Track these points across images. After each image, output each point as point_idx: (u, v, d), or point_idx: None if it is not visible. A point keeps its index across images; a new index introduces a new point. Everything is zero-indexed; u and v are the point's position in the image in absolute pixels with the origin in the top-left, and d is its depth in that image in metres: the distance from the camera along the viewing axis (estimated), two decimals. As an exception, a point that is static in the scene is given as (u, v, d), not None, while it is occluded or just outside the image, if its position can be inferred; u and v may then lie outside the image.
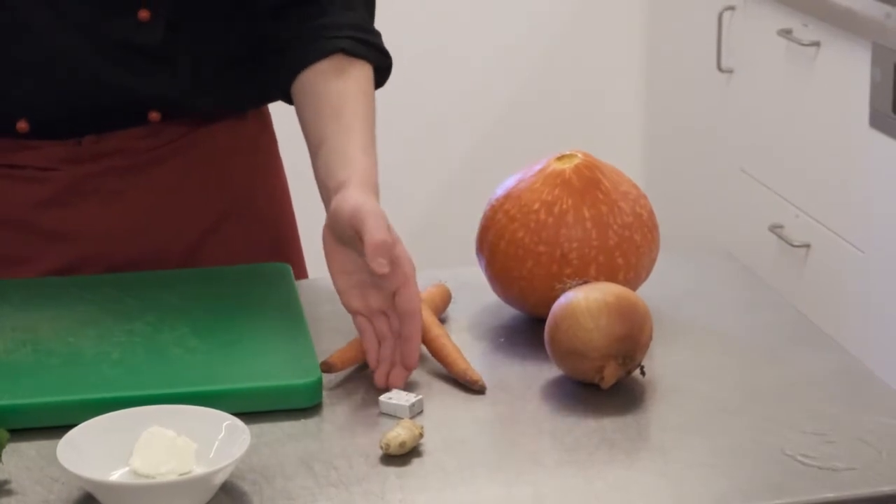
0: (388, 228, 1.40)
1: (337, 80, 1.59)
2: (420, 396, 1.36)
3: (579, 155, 1.56)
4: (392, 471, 1.25)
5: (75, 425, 1.25)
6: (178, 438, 1.23)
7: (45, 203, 1.66)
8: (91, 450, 1.23)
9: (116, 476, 1.22)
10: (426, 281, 1.55)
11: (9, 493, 1.23)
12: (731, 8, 3.28)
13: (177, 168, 1.70)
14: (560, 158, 1.56)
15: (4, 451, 1.24)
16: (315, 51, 1.60)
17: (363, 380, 1.42)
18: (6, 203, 1.67)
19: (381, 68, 1.65)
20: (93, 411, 1.28)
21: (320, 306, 1.57)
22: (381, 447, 1.27)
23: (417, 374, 1.43)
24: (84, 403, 1.31)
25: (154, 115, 1.66)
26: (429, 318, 1.47)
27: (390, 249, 1.38)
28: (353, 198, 1.42)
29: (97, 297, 1.55)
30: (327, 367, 1.41)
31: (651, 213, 1.57)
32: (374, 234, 1.38)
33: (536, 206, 1.53)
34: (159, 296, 1.55)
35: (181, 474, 1.21)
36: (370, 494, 1.22)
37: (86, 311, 1.52)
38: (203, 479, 1.19)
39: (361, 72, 1.61)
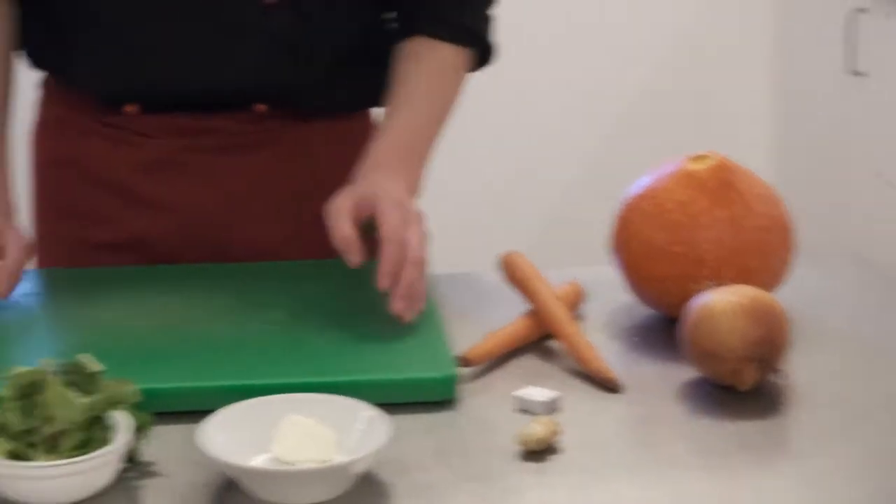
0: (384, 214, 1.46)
1: (408, 63, 1.64)
2: (558, 394, 1.36)
3: (713, 156, 1.55)
4: (529, 467, 1.25)
5: (214, 410, 1.27)
6: (319, 427, 1.24)
7: (139, 168, 1.68)
8: (231, 435, 1.24)
9: (257, 462, 1.23)
10: (559, 279, 1.55)
11: (154, 474, 1.25)
12: (863, 10, 3.24)
13: (271, 157, 1.70)
14: (694, 159, 1.56)
15: (149, 434, 1.26)
16: (401, 32, 1.66)
17: (500, 375, 1.43)
18: (102, 161, 1.69)
19: (480, 52, 1.70)
20: (232, 397, 1.29)
21: (455, 299, 1.58)
22: (519, 443, 1.27)
23: (553, 371, 1.43)
24: (224, 389, 1.33)
25: (260, 108, 1.67)
26: (563, 315, 1.47)
27: (352, 244, 1.46)
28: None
29: (232, 285, 1.57)
30: (464, 362, 1.41)
31: (786, 215, 1.56)
32: (335, 229, 1.47)
33: (671, 206, 1.52)
34: (293, 286, 1.57)
35: (320, 462, 1.22)
36: (508, 490, 1.22)
37: (222, 299, 1.54)
38: (343, 468, 1.20)
39: (441, 55, 1.65)
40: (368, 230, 1.48)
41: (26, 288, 1.54)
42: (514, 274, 1.52)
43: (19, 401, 1.22)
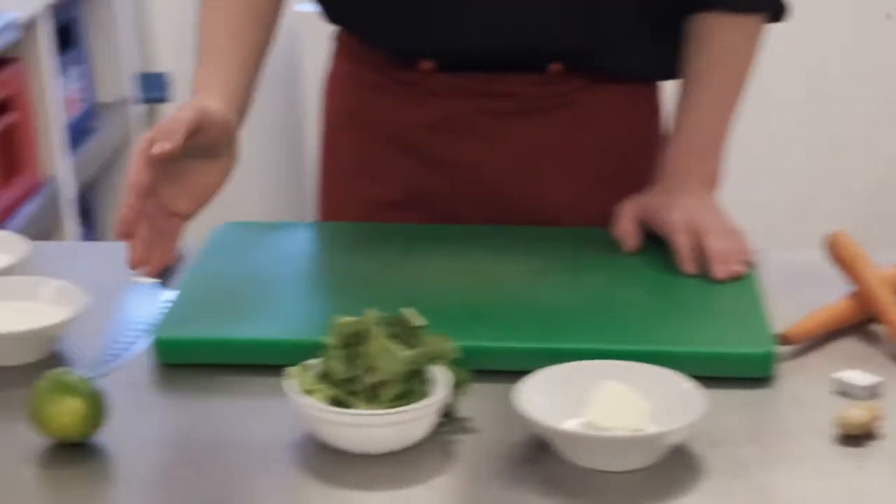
0: None
1: (699, 44, 1.63)
2: (881, 379, 1.32)
3: None
4: (846, 451, 1.23)
5: (529, 371, 1.28)
6: (634, 395, 1.24)
7: (423, 126, 1.70)
8: (547, 397, 1.25)
9: (570, 425, 1.24)
10: (886, 261, 1.50)
11: (468, 430, 1.27)
12: None
13: (560, 122, 1.69)
14: None
15: (466, 390, 1.29)
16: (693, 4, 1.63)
17: (819, 355, 1.40)
18: (390, 117, 1.71)
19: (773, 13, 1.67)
20: (548, 359, 1.30)
21: (777, 277, 1.55)
22: (837, 426, 1.24)
23: (875, 355, 1.39)
24: (541, 351, 1.34)
25: (555, 67, 1.67)
26: (889, 299, 1.43)
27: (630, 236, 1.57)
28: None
29: (550, 249, 1.58)
30: (784, 340, 1.39)
31: None
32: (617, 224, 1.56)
33: None
34: (612, 253, 1.57)
35: (634, 431, 1.22)
36: (822, 474, 1.20)
37: (541, 261, 1.55)
38: (656, 438, 1.20)
39: (733, 28, 1.63)
40: None
41: (333, 241, 1.59)
42: (839, 254, 1.49)
43: (343, 349, 1.26)
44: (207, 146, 1.44)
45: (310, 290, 1.50)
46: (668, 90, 1.74)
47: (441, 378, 1.26)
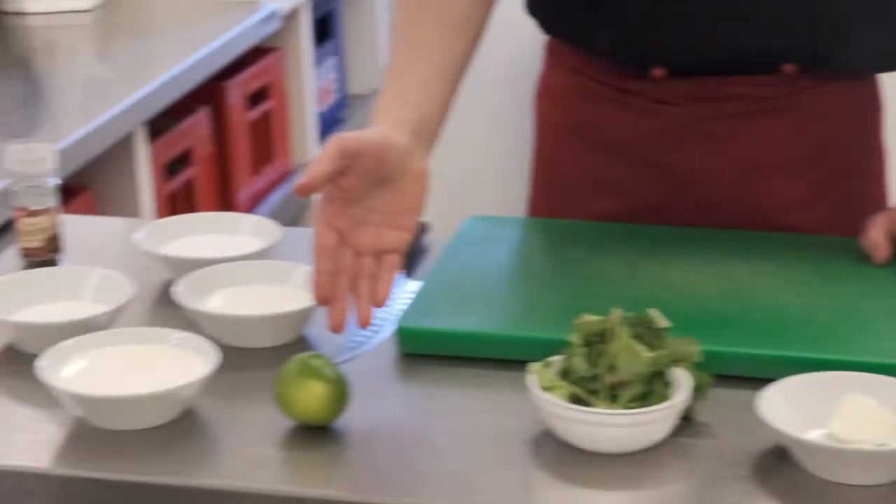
0: None
1: None
2: None
3: None
4: None
5: (770, 379, 1.26)
6: (881, 409, 1.21)
7: (654, 135, 1.67)
8: (790, 406, 1.23)
9: (813, 436, 1.22)
10: None
11: (706, 435, 1.26)
12: None
13: (788, 123, 1.65)
14: None
15: (706, 394, 1.28)
16: None
17: None
18: (614, 128, 1.69)
19: None
20: (792, 368, 1.28)
21: None
22: None
23: None
24: (786, 360, 1.32)
25: (789, 68, 1.63)
26: None
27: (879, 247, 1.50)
28: None
29: (796, 256, 1.55)
30: None
31: None
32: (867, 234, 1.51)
33: None
34: (861, 263, 1.53)
35: (879, 445, 1.19)
36: None
37: (787, 268, 1.52)
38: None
39: None
40: None
41: (577, 238, 1.59)
42: None
43: (586, 347, 1.26)
44: (375, 174, 1.38)
45: (551, 286, 1.50)
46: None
47: (682, 381, 1.25)
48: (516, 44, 3.87)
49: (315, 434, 1.27)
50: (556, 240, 1.63)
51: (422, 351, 1.41)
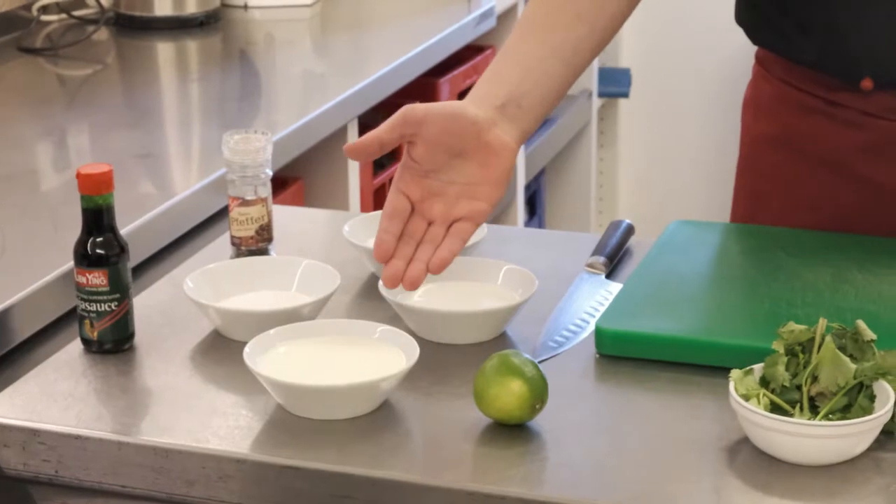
0: None
1: None
2: None
3: None
4: None
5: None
6: None
7: (860, 149, 1.63)
8: None
9: None
10: None
11: (910, 451, 1.24)
12: None
13: None
14: None
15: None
16: None
17: None
18: (820, 139, 1.65)
19: None
20: None
21: None
22: None
23: None
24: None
25: None
26: None
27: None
28: None
29: None
30: None
31: None
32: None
33: None
34: None
35: None
36: None
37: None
38: None
39: None
40: None
41: (783, 245, 1.57)
42: None
43: (789, 356, 1.25)
44: (445, 145, 1.39)
45: (754, 293, 1.48)
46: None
47: (884, 394, 1.22)
48: (726, 54, 3.84)
49: (510, 432, 1.28)
50: (760, 246, 1.61)
51: (620, 353, 1.40)
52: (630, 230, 1.66)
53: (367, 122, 2.52)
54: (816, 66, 1.64)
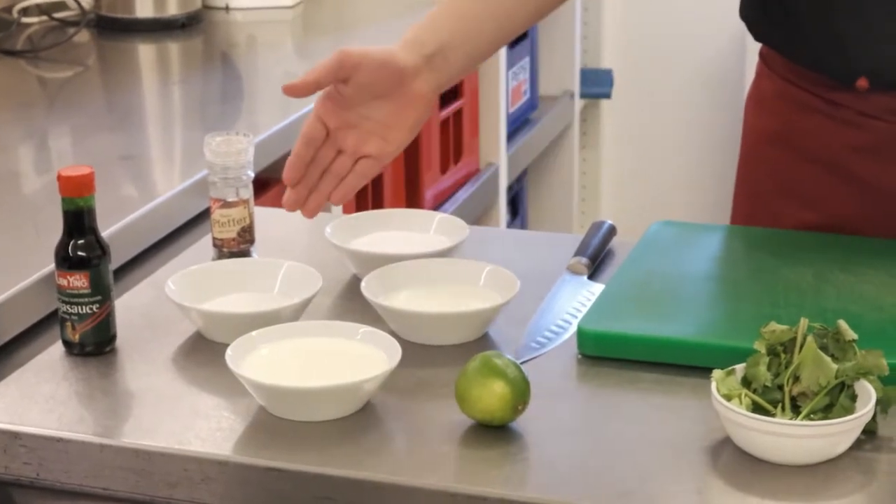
0: None
1: None
2: None
3: None
4: None
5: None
6: None
7: (860, 149, 1.64)
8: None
9: None
10: None
11: (891, 450, 1.24)
12: None
13: None
14: None
15: (890, 409, 1.25)
16: None
17: None
18: (819, 139, 1.66)
19: None
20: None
21: None
22: None
23: None
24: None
25: None
26: None
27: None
28: None
29: None
30: None
31: None
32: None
33: None
34: None
35: None
36: None
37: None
38: None
39: None
40: None
41: (764, 246, 1.57)
42: None
43: (770, 357, 1.25)
44: (372, 88, 1.48)
45: (736, 293, 1.48)
46: None
47: (865, 393, 1.23)
48: (709, 55, 3.84)
49: (493, 433, 1.28)
50: (742, 247, 1.61)
51: (602, 354, 1.40)
52: (612, 231, 1.66)
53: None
54: (812, 65, 1.65)
